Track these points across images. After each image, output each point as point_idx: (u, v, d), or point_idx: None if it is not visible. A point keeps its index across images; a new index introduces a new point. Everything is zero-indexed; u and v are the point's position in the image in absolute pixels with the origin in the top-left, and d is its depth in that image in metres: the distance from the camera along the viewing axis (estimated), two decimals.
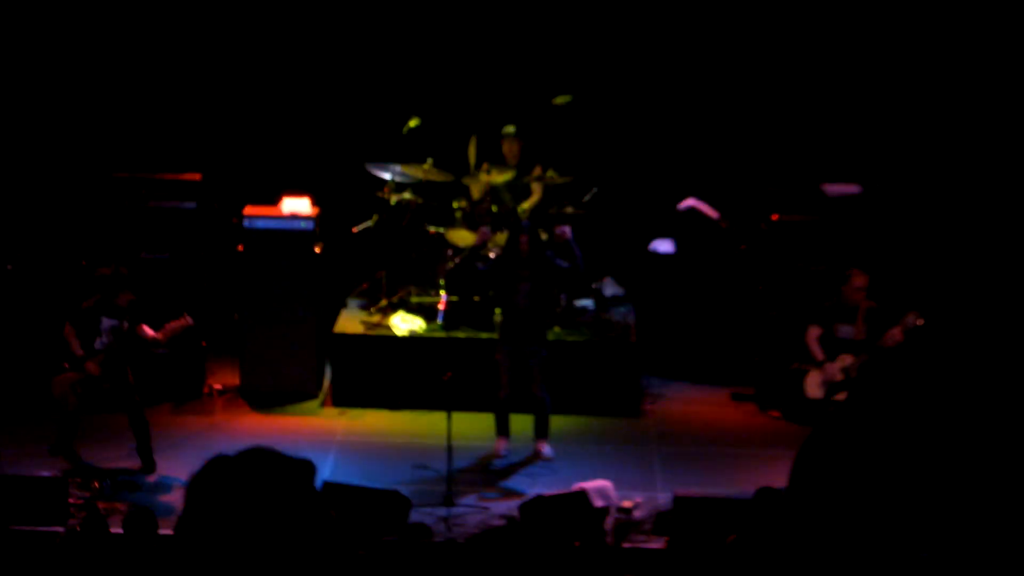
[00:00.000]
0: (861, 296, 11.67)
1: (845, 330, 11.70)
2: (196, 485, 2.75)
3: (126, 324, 11.25)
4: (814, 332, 11.83)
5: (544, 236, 12.27)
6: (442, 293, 13.10)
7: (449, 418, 10.83)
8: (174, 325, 11.38)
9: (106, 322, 11.25)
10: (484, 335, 12.71)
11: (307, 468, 2.78)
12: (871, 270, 11.94)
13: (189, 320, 11.46)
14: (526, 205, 13.13)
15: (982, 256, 13.66)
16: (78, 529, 9.07)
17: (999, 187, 13.88)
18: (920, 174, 14.17)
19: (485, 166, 13.09)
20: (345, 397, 12.85)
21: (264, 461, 2.76)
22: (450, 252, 13.11)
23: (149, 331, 11.34)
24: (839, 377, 11.64)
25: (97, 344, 11.24)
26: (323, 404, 12.89)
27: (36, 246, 14.26)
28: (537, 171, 13.11)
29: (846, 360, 11.65)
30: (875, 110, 14.34)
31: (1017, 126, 14.01)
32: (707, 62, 14.52)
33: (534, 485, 11.24)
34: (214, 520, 2.69)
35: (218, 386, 13.06)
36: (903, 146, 14.29)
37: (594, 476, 10.79)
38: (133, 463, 11.38)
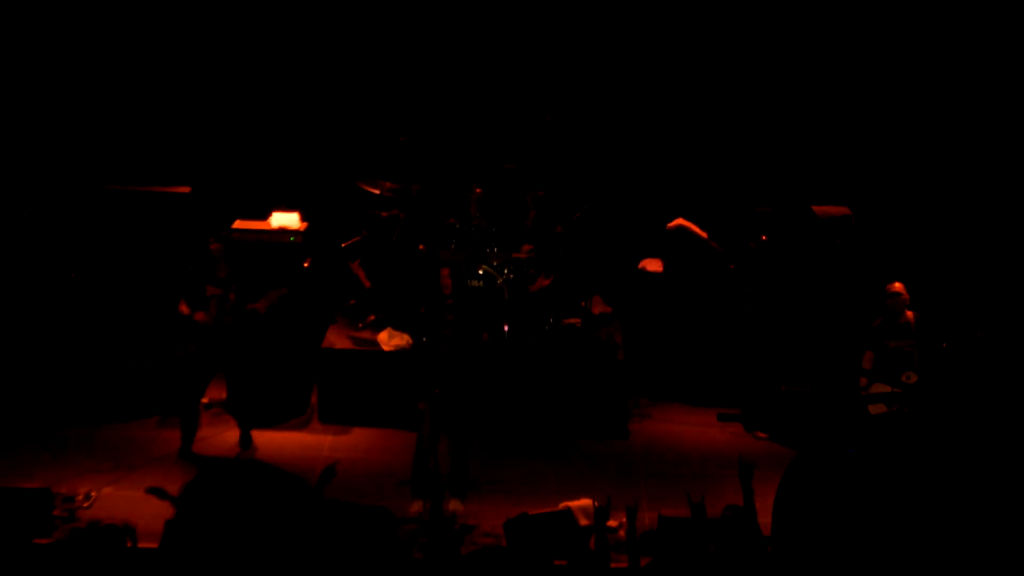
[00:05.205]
0: (904, 305, 11.70)
1: (896, 345, 11.70)
2: (188, 497, 2.77)
3: (232, 295, 11.54)
4: (868, 357, 11.81)
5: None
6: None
7: (437, 435, 10.81)
8: (274, 294, 11.80)
9: (210, 291, 11.56)
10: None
11: (301, 485, 2.80)
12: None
13: (286, 290, 11.94)
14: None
15: (973, 276, 13.70)
16: (63, 539, 9.03)
17: (989, 207, 13.93)
18: (909, 195, 14.23)
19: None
20: (332, 412, 12.84)
21: (259, 476, 2.78)
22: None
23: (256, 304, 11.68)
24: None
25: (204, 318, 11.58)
26: (310, 419, 12.87)
27: (25, 258, 14.24)
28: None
29: (910, 377, 11.64)
30: (865, 132, 14.40)
31: (1007, 146, 14.07)
32: (698, 82, 14.58)
33: (519, 503, 11.23)
34: (205, 533, 2.70)
35: (205, 400, 13.04)
36: (893, 168, 14.35)
37: (580, 495, 10.80)
38: (119, 475, 11.40)
